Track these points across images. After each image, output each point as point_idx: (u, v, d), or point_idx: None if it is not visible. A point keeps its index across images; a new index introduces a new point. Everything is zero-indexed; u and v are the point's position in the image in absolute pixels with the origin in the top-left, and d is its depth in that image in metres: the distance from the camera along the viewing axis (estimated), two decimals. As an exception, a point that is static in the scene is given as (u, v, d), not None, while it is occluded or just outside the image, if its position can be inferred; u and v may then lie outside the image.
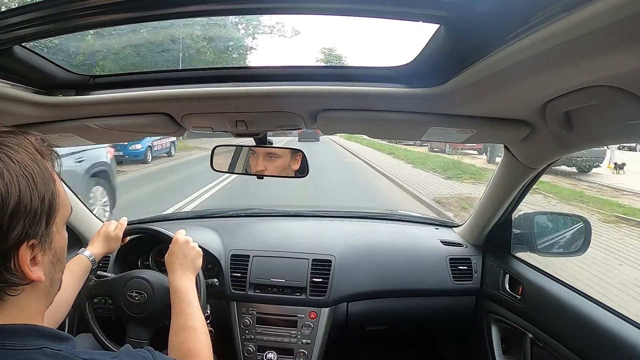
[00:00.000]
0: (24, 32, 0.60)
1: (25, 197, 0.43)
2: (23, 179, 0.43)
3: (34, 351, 0.44)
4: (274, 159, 1.15)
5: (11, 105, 0.80)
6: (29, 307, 0.47)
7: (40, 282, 0.46)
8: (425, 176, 9.44)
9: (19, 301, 0.45)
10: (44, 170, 0.46)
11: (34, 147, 0.46)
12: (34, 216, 0.44)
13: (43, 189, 0.45)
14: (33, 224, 0.44)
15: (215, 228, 1.50)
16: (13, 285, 0.44)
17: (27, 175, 0.43)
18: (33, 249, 0.45)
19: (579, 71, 0.52)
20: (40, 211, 0.45)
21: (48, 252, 0.48)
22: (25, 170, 0.43)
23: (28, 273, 0.44)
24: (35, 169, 0.44)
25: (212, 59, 11.18)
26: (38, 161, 0.45)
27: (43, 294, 0.49)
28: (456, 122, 0.85)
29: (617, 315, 0.90)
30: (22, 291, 0.45)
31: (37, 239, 0.45)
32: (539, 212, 1.31)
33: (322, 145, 19.90)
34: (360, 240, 1.48)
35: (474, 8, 0.51)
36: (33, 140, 0.47)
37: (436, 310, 1.42)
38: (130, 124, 0.94)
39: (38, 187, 0.44)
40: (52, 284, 0.50)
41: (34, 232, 0.44)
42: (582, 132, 0.75)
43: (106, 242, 1.06)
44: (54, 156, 0.49)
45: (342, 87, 0.78)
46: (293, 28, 14.30)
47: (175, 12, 0.58)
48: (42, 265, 0.47)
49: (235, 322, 1.32)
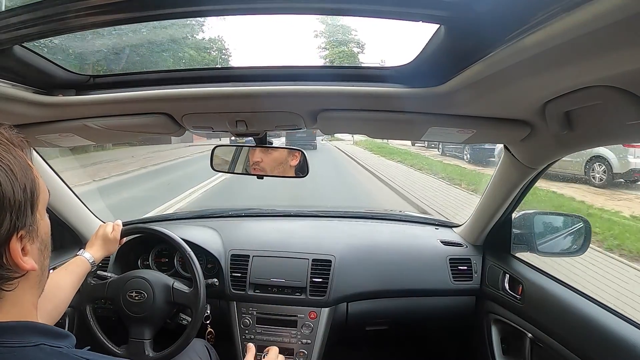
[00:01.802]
0: (24, 32, 0.60)
1: (7, 190, 0.42)
2: (2, 172, 0.42)
3: (32, 348, 0.44)
4: (274, 159, 1.15)
5: (11, 105, 0.80)
6: (24, 300, 0.47)
7: (34, 271, 0.46)
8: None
9: (14, 296, 0.46)
10: (19, 159, 0.45)
11: (5, 137, 0.45)
12: (19, 207, 0.44)
13: (23, 179, 0.44)
14: (20, 215, 0.44)
15: (215, 228, 1.50)
16: (8, 280, 0.44)
17: (5, 168, 0.43)
18: (22, 239, 0.45)
19: (579, 71, 0.52)
20: (24, 201, 0.44)
21: (36, 240, 0.48)
22: (2, 163, 0.43)
23: (21, 264, 0.44)
24: (11, 159, 0.44)
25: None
26: (12, 151, 0.45)
27: (35, 284, 0.50)
28: (456, 122, 0.85)
29: (617, 315, 0.90)
30: (17, 285, 0.45)
31: (25, 230, 0.45)
32: (539, 212, 1.31)
33: (321, 158, 12.77)
34: (360, 240, 1.48)
35: (474, 8, 0.51)
36: (3, 131, 0.46)
37: (436, 310, 1.41)
38: (130, 124, 0.94)
39: (18, 177, 0.44)
40: (42, 272, 0.51)
41: (21, 223, 0.44)
42: (582, 132, 0.74)
43: (104, 245, 1.07)
44: (25, 144, 0.48)
45: (342, 87, 0.78)
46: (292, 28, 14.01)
47: (175, 12, 0.58)
48: (32, 254, 0.46)
49: (235, 322, 1.32)
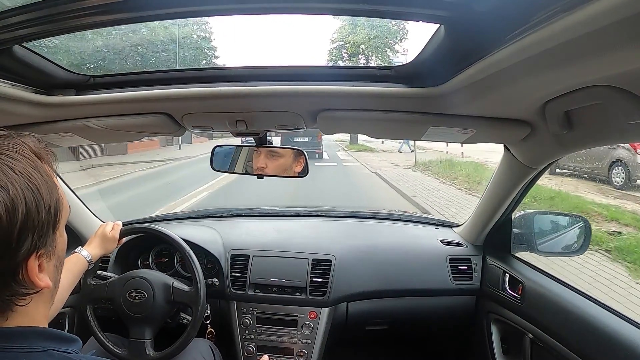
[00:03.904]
0: (24, 32, 0.60)
1: (32, 211, 0.41)
2: (28, 191, 0.41)
3: (41, 353, 0.44)
4: (275, 159, 1.15)
5: (11, 105, 0.80)
6: (36, 313, 0.47)
7: (48, 288, 0.45)
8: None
9: (26, 309, 0.45)
10: (46, 178, 0.44)
11: (32, 151, 0.44)
12: (42, 228, 0.43)
13: (48, 199, 0.43)
14: (41, 236, 0.43)
15: (215, 228, 1.50)
16: (22, 296, 0.44)
17: (32, 187, 0.42)
18: (39, 257, 0.44)
19: (579, 71, 0.52)
20: (47, 222, 0.44)
21: (52, 258, 0.47)
22: (29, 182, 0.42)
23: (37, 282, 0.43)
24: (38, 178, 0.43)
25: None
26: (39, 167, 0.44)
27: (48, 299, 0.49)
28: (456, 122, 0.85)
29: (617, 315, 0.90)
30: (30, 300, 0.45)
31: (44, 249, 0.44)
32: (539, 211, 1.31)
33: (333, 174, 9.08)
34: (360, 240, 1.48)
35: (474, 8, 0.51)
36: (30, 144, 0.45)
37: (436, 310, 1.41)
38: (131, 124, 0.94)
39: (44, 197, 0.43)
40: (55, 287, 0.50)
41: (42, 244, 0.43)
42: (582, 132, 0.74)
43: (103, 244, 1.07)
44: (52, 157, 0.48)
45: (342, 87, 0.78)
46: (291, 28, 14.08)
47: (174, 12, 0.58)
48: (48, 271, 0.46)
49: (235, 322, 1.32)
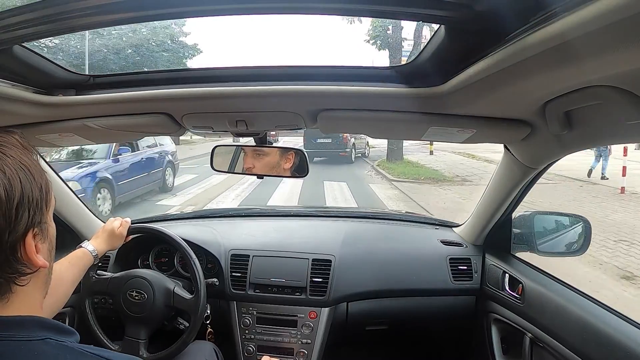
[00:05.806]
0: (24, 32, 0.60)
1: (26, 188, 0.46)
2: (22, 171, 0.46)
3: (39, 342, 0.46)
4: (266, 164, 1.14)
5: (11, 105, 0.80)
6: (32, 298, 0.50)
7: (45, 268, 0.49)
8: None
9: (24, 292, 0.48)
10: (35, 162, 0.50)
11: (19, 143, 0.50)
12: (36, 205, 0.48)
13: (39, 179, 0.49)
14: (36, 212, 0.48)
15: (216, 228, 1.50)
16: (22, 275, 0.47)
17: (24, 168, 0.47)
18: (35, 237, 0.48)
19: (579, 71, 0.52)
20: (40, 199, 0.48)
21: (46, 241, 0.51)
22: (22, 164, 0.47)
23: (35, 260, 0.47)
24: (28, 162, 0.48)
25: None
26: (27, 154, 0.49)
27: (43, 283, 0.52)
28: (456, 122, 0.85)
29: (617, 315, 0.90)
30: (29, 281, 0.48)
31: (39, 228, 0.49)
32: (539, 212, 1.31)
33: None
34: (360, 240, 1.48)
35: (475, 8, 0.51)
36: (17, 138, 0.50)
37: (436, 310, 1.41)
38: (131, 124, 0.94)
39: (35, 177, 0.48)
40: (49, 272, 0.54)
41: (36, 221, 0.48)
42: (582, 132, 0.75)
43: (110, 239, 1.07)
44: (34, 150, 0.52)
45: (342, 87, 0.78)
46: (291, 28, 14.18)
47: (174, 12, 0.57)
48: (42, 253, 0.49)
49: (235, 322, 1.32)
